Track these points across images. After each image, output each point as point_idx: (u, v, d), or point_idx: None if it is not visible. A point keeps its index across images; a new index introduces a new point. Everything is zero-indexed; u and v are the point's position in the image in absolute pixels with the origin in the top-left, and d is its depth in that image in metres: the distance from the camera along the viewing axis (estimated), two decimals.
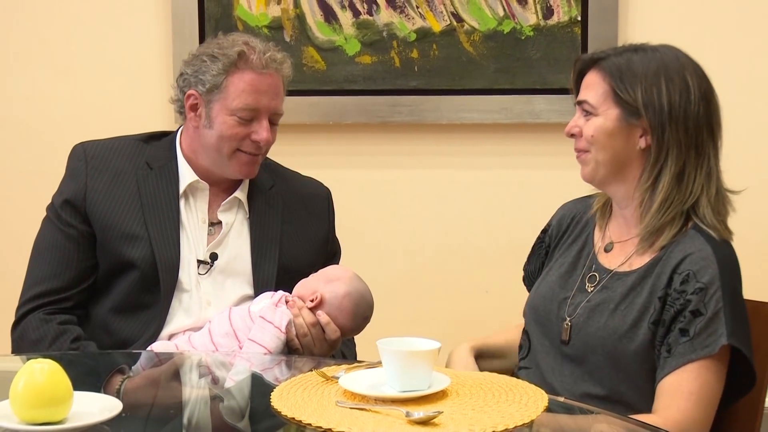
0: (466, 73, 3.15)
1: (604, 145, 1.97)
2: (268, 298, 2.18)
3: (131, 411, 1.65)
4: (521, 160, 3.21)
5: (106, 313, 2.25)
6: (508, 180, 3.21)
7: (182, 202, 2.28)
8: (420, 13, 3.15)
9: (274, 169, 2.42)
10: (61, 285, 2.24)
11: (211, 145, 2.25)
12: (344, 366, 1.81)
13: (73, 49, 3.33)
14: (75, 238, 2.26)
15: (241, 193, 2.32)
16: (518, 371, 2.10)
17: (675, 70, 1.94)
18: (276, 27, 3.21)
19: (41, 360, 1.52)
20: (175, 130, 2.38)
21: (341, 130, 3.24)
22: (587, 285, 2.04)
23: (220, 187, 2.32)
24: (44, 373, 1.50)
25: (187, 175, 2.29)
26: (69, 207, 2.26)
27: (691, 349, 1.86)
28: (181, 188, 2.28)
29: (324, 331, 2.14)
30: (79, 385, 1.57)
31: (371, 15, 3.17)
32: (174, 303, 2.22)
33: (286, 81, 2.30)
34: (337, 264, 2.39)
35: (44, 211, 2.32)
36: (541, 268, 2.18)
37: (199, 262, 2.25)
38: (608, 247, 2.05)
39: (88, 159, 2.30)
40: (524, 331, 2.13)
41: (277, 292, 2.21)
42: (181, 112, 2.30)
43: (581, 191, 2.18)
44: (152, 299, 2.21)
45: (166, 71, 3.23)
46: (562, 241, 2.15)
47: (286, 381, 1.75)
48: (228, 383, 2.01)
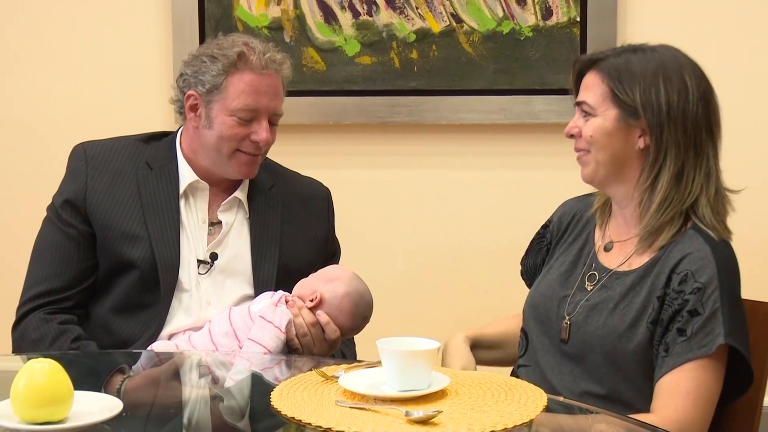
0: (465, 73, 3.15)
1: (604, 146, 1.97)
2: (268, 297, 2.18)
3: (131, 410, 1.65)
4: (520, 160, 3.21)
5: (106, 313, 2.25)
6: (507, 180, 3.21)
7: (182, 202, 2.28)
8: (419, 14, 3.15)
9: (273, 169, 2.43)
10: (61, 285, 2.24)
11: (211, 146, 2.25)
12: (344, 365, 1.81)
13: (73, 50, 3.33)
14: (75, 238, 2.26)
15: (241, 193, 2.32)
16: (518, 369, 2.10)
17: (673, 71, 1.94)
18: (276, 28, 3.21)
19: (42, 360, 1.53)
20: (175, 130, 2.38)
21: (341, 131, 3.24)
22: (587, 284, 2.04)
23: (220, 187, 2.32)
24: (45, 372, 1.50)
25: (187, 175, 2.30)
26: (69, 207, 2.27)
27: (688, 348, 1.86)
28: (181, 188, 2.28)
29: (324, 331, 2.14)
30: (80, 384, 1.57)
31: (371, 16, 3.17)
32: (174, 303, 2.22)
33: (285, 81, 2.30)
34: (337, 264, 2.40)
35: (44, 211, 2.32)
36: (542, 264, 2.18)
37: (199, 261, 2.26)
38: (608, 246, 2.05)
39: (88, 159, 2.30)
40: (522, 330, 2.13)
41: (277, 291, 2.21)
42: (181, 113, 2.30)
43: (580, 191, 2.18)
44: (152, 299, 2.22)
45: (166, 72, 3.23)
46: (563, 239, 2.15)
47: (286, 380, 1.75)
48: (228, 383, 2.01)
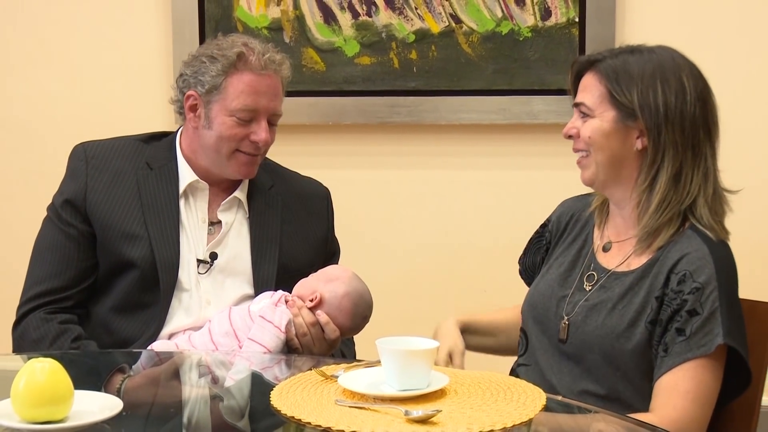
0: (464, 74, 3.15)
1: (602, 147, 1.98)
2: (268, 297, 2.19)
3: (132, 410, 1.66)
4: (519, 160, 3.21)
5: (106, 313, 2.25)
6: (506, 180, 3.21)
7: (182, 202, 2.29)
8: (419, 15, 3.16)
9: (273, 169, 2.43)
10: (61, 284, 2.25)
11: (211, 146, 2.26)
12: (343, 365, 1.81)
13: (73, 50, 3.34)
14: (75, 237, 2.26)
15: (240, 193, 2.33)
16: (517, 368, 2.11)
17: (671, 72, 1.95)
18: (276, 28, 3.22)
19: (42, 359, 1.53)
20: (175, 130, 2.38)
21: (340, 131, 3.24)
22: (585, 284, 2.04)
23: (219, 187, 2.32)
24: (45, 372, 1.51)
25: (186, 175, 2.30)
26: (69, 207, 2.27)
27: (687, 348, 1.86)
28: (181, 188, 2.29)
29: (323, 331, 2.14)
30: (80, 384, 1.57)
31: (370, 16, 3.18)
32: (174, 302, 2.22)
33: (285, 82, 2.30)
34: (337, 264, 2.40)
35: (44, 211, 2.32)
36: (541, 263, 2.19)
37: (199, 261, 2.26)
38: (606, 246, 2.06)
39: (88, 159, 2.30)
40: (522, 329, 2.14)
41: (276, 291, 2.21)
42: (181, 113, 2.31)
43: (579, 191, 2.18)
44: (152, 299, 2.22)
45: (166, 72, 3.24)
46: (562, 239, 2.15)
47: (286, 380, 1.76)
48: (228, 382, 2.02)
